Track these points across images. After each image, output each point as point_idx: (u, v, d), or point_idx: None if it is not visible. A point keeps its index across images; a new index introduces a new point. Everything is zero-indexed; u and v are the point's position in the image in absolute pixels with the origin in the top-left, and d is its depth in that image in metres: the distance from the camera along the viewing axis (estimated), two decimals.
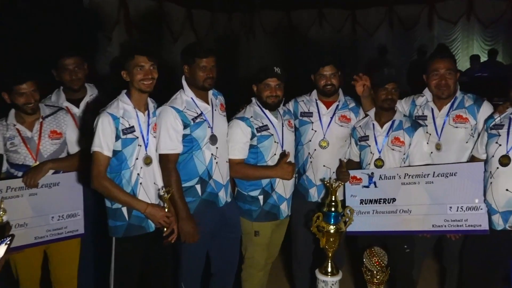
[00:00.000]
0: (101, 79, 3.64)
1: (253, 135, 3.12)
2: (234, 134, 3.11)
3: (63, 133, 3.10)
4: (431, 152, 3.19)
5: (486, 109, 3.14)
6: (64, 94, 3.39)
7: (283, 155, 3.16)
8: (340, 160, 3.35)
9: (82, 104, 3.41)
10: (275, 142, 3.16)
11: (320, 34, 12.97)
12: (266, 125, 3.15)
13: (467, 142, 3.16)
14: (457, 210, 2.98)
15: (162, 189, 2.82)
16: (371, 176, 3.19)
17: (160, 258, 2.94)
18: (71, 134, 3.14)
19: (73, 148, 3.14)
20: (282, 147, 3.20)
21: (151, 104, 2.92)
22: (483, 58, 10.99)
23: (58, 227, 3.04)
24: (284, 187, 3.22)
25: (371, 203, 3.19)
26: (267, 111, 3.18)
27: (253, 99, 3.24)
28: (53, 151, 3.04)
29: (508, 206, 2.77)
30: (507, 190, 2.77)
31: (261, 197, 3.18)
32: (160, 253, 2.91)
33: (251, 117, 3.15)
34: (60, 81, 3.36)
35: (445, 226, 3.02)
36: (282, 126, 3.22)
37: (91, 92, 3.48)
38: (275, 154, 3.17)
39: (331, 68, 3.28)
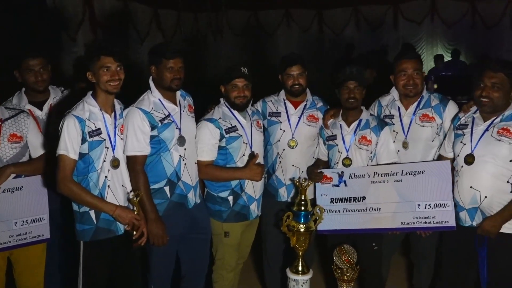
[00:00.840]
0: (66, 80, 3.55)
1: (221, 137, 3.10)
2: (203, 135, 3.10)
3: (24, 137, 2.98)
4: (398, 151, 3.25)
5: (451, 108, 3.21)
6: (26, 96, 3.29)
7: (252, 156, 3.16)
8: (317, 161, 3.39)
9: (46, 107, 3.33)
10: (244, 143, 3.16)
11: (288, 34, 13.04)
12: (235, 126, 3.14)
13: (433, 141, 3.22)
14: (425, 208, 3.02)
15: (131, 192, 2.78)
16: (341, 175, 3.22)
17: (129, 261, 2.89)
18: (33, 138, 3.03)
19: (36, 151, 3.04)
20: (251, 147, 3.19)
21: (118, 106, 2.87)
22: (447, 58, 11.27)
23: (22, 233, 2.94)
24: (253, 188, 3.21)
25: (341, 202, 3.22)
26: (235, 112, 3.17)
27: (222, 100, 3.23)
28: (13, 155, 2.93)
29: (473, 203, 2.83)
30: (471, 187, 2.82)
31: (230, 198, 3.17)
32: (129, 256, 2.87)
33: (220, 118, 3.14)
34: (24, 82, 3.26)
35: (413, 223, 3.06)
36: (251, 126, 3.22)
37: (54, 95, 3.39)
38: (244, 155, 3.17)
39: (299, 68, 3.29)
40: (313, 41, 12.94)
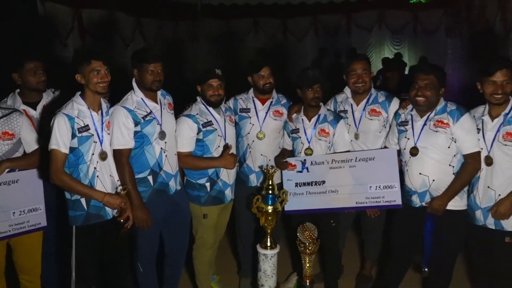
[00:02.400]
0: (58, 82, 3.44)
1: (199, 130, 3.08)
2: (182, 129, 3.07)
3: (16, 134, 2.86)
4: (351, 140, 3.29)
5: (395, 104, 3.25)
6: (20, 97, 3.17)
7: (226, 147, 3.15)
8: (282, 151, 3.40)
9: (39, 107, 3.21)
10: (218, 135, 3.14)
11: (256, 40, 13.03)
12: (210, 121, 3.12)
13: (380, 132, 3.27)
14: (375, 189, 3.06)
15: (119, 186, 2.76)
16: (304, 163, 3.24)
17: (117, 243, 2.85)
18: (27, 135, 2.92)
19: (29, 147, 2.93)
20: (225, 140, 3.18)
21: (104, 104, 2.82)
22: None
23: (20, 222, 2.85)
24: (228, 175, 3.21)
25: (305, 186, 3.24)
26: (211, 109, 3.15)
27: (198, 98, 3.20)
28: (6, 151, 2.82)
29: (424, 187, 2.86)
30: (420, 174, 2.86)
31: (208, 184, 3.16)
32: (116, 239, 2.82)
33: (197, 114, 3.11)
34: (24, 84, 3.12)
35: (366, 202, 3.10)
36: (224, 121, 3.21)
37: (47, 96, 3.28)
38: (219, 146, 3.15)
39: (268, 69, 3.30)
40: (278, 46, 12.97)
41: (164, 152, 2.95)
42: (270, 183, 2.76)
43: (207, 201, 3.18)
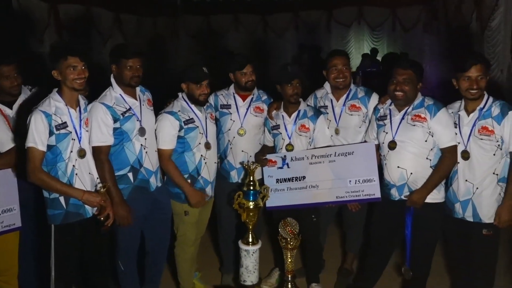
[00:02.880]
0: (34, 79, 3.36)
1: (180, 128, 3.05)
2: (164, 127, 3.02)
3: None
4: (331, 136, 3.31)
5: (374, 99, 3.28)
6: None
7: (207, 145, 3.13)
8: (262, 147, 3.40)
9: (16, 106, 3.13)
10: (200, 133, 3.12)
11: (236, 36, 12.98)
12: (192, 119, 3.10)
13: (360, 127, 3.29)
14: (355, 183, 3.08)
15: (99, 184, 2.72)
16: (284, 159, 3.25)
17: (97, 241, 2.82)
18: (2, 134, 2.86)
19: (3, 146, 2.87)
20: (206, 137, 3.16)
21: (82, 101, 2.77)
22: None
23: None
24: (208, 172, 3.19)
25: (286, 182, 3.25)
26: (193, 106, 3.12)
27: (180, 95, 3.16)
28: None
29: (402, 180, 2.90)
30: (398, 167, 2.90)
31: (189, 181, 3.13)
32: (96, 237, 2.79)
33: (179, 111, 3.08)
34: None
35: (346, 196, 3.12)
36: (206, 119, 3.18)
37: (24, 94, 3.19)
38: (200, 144, 3.12)
39: (251, 67, 3.29)
40: (259, 42, 12.95)
41: (144, 148, 2.92)
42: (251, 179, 2.76)
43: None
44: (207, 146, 3.15)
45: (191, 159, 3.11)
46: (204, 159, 3.14)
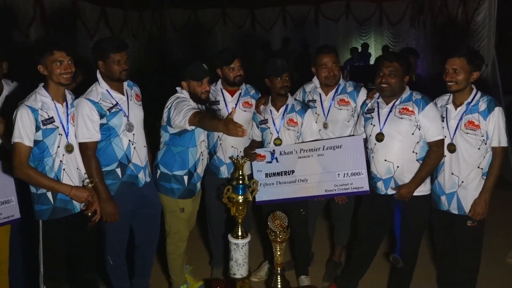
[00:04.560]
0: (19, 73, 3.30)
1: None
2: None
3: None
4: (320, 130, 3.32)
5: (363, 94, 3.30)
6: None
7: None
8: (252, 142, 3.40)
9: (0, 100, 3.10)
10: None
11: (224, 31, 12.93)
12: None
13: (348, 121, 3.31)
14: (344, 176, 3.10)
15: (86, 179, 2.70)
16: (273, 153, 3.26)
17: (84, 236, 2.81)
18: None
19: None
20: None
21: (69, 96, 2.74)
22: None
23: None
24: (202, 167, 3.19)
25: (274, 176, 3.26)
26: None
27: (179, 90, 3.07)
28: None
29: (388, 173, 2.92)
30: (385, 160, 2.92)
31: (186, 177, 3.10)
32: (84, 232, 2.78)
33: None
34: None
35: (335, 190, 3.14)
36: None
37: (7, 87, 3.16)
38: (203, 141, 3.14)
39: (239, 61, 3.27)
40: (247, 37, 12.92)
41: (133, 144, 2.90)
42: (241, 173, 2.76)
43: (183, 194, 3.13)
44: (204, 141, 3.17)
45: (193, 155, 3.09)
46: (201, 155, 3.15)
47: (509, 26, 7.78)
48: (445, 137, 2.83)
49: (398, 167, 2.89)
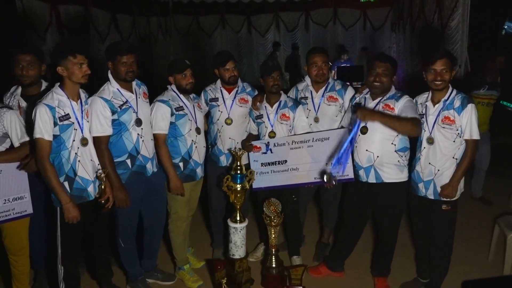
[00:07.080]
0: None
1: (172, 113, 3.02)
2: (158, 113, 2.99)
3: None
4: (311, 124, 3.32)
5: (350, 91, 3.31)
6: (22, 89, 2.93)
7: (198, 130, 3.08)
8: (249, 135, 3.39)
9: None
10: (189, 119, 3.09)
11: (223, 35, 12.89)
12: (182, 106, 3.07)
13: (336, 116, 3.31)
14: (331, 165, 3.10)
15: (99, 170, 2.68)
16: (267, 145, 3.26)
17: (98, 221, 2.82)
18: (13, 129, 2.71)
19: (17, 141, 2.73)
20: (196, 123, 3.13)
21: (83, 94, 2.72)
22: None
23: (6, 210, 2.70)
24: (198, 155, 3.17)
25: (269, 165, 3.26)
26: (181, 96, 3.09)
27: (169, 87, 3.13)
28: None
29: (369, 162, 2.92)
30: (367, 150, 2.92)
31: (181, 164, 3.11)
32: (97, 218, 2.79)
33: (170, 99, 3.04)
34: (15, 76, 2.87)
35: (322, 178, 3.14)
36: (194, 107, 3.16)
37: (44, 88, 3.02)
38: (190, 130, 3.10)
39: (233, 63, 3.26)
40: (243, 41, 12.89)
41: (141, 137, 2.89)
42: (238, 164, 2.76)
43: (181, 179, 3.12)
44: (198, 131, 3.14)
45: (183, 144, 3.09)
46: (194, 144, 3.12)
47: (480, 31, 7.79)
48: (425, 131, 2.83)
49: (378, 157, 2.89)
